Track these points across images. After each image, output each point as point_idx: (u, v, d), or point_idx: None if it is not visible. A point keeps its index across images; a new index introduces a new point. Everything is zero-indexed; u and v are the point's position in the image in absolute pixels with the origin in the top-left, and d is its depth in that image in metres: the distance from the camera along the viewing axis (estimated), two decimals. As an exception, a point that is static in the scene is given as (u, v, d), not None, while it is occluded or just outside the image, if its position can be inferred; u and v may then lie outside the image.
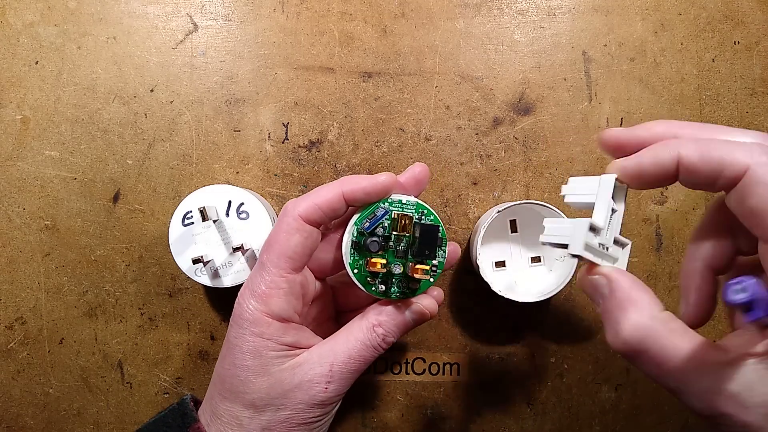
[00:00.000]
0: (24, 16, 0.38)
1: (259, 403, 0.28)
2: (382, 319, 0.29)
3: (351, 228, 0.29)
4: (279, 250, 0.28)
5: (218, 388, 0.29)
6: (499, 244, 0.38)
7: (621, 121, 0.38)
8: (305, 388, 0.28)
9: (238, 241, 0.34)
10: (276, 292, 0.28)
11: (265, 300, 0.28)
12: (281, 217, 0.29)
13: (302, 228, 0.28)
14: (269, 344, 0.28)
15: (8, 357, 0.38)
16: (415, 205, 0.29)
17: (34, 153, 0.38)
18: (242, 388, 0.28)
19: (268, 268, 0.28)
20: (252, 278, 0.29)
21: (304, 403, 0.28)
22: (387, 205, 0.29)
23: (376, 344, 0.29)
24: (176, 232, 0.33)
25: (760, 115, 0.39)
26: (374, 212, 0.29)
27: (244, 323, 0.28)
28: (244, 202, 0.34)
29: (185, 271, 0.34)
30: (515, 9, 0.39)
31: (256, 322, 0.28)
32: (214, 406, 0.29)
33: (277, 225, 0.29)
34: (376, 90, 0.39)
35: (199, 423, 0.29)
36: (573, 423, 0.39)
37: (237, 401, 0.28)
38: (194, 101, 0.38)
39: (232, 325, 0.29)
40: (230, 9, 0.39)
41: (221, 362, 0.29)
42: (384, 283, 0.29)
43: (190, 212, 0.33)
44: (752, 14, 0.39)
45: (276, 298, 0.28)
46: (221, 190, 0.34)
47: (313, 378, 0.28)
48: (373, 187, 0.28)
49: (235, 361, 0.28)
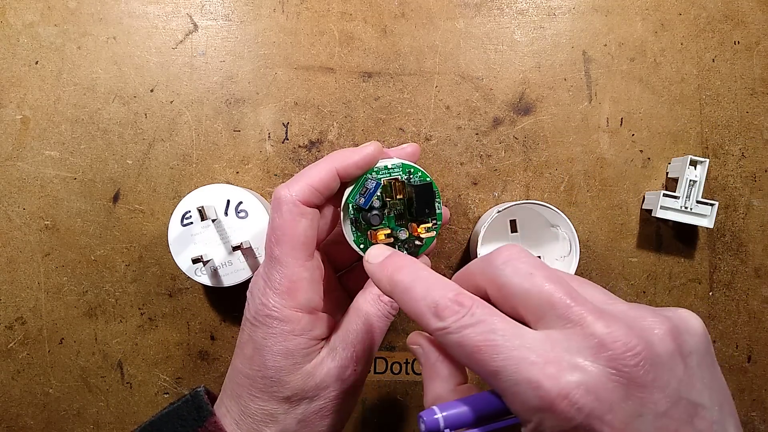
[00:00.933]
0: (24, 16, 0.38)
1: (293, 399, 0.28)
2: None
3: (346, 207, 0.29)
4: (290, 241, 0.27)
5: (248, 389, 0.28)
6: (499, 244, 0.38)
7: (621, 121, 0.39)
8: (335, 375, 0.28)
9: (237, 240, 0.34)
10: (300, 284, 0.28)
11: (291, 294, 0.27)
12: (277, 205, 0.28)
13: (305, 212, 0.28)
14: (301, 341, 0.28)
15: (8, 357, 0.38)
16: (401, 166, 0.29)
17: (34, 153, 0.38)
18: (276, 387, 0.28)
19: (284, 261, 0.27)
20: (269, 275, 0.28)
21: (336, 390, 0.28)
22: (375, 175, 0.29)
23: (387, 312, 0.30)
24: (175, 232, 0.34)
25: (760, 115, 0.39)
26: (365, 186, 0.29)
27: (273, 322, 0.27)
28: (243, 201, 0.34)
29: (185, 270, 0.34)
30: (515, 9, 0.39)
31: (286, 320, 0.27)
32: (244, 405, 0.28)
33: (276, 215, 0.28)
34: (376, 90, 0.39)
35: (215, 417, 0.28)
36: (573, 423, 0.39)
37: (271, 399, 0.28)
38: (194, 101, 0.38)
39: (256, 325, 0.28)
40: (230, 9, 0.39)
41: (249, 363, 0.28)
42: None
43: (188, 212, 0.34)
44: (752, 14, 0.39)
45: (302, 290, 0.28)
46: (219, 189, 0.34)
47: (341, 364, 0.28)
48: (364, 159, 0.28)
49: (266, 362, 0.28)
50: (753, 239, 0.39)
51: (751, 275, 0.39)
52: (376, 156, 0.29)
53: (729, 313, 0.39)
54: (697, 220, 0.37)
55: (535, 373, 0.19)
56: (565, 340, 0.20)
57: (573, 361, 0.19)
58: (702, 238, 0.39)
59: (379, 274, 0.25)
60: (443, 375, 0.24)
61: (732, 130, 0.39)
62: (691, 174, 0.37)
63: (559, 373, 0.19)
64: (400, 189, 0.29)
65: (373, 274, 0.25)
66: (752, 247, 0.39)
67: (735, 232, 0.39)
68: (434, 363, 0.25)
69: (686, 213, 0.37)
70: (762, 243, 0.39)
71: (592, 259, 0.39)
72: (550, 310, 0.20)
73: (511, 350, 0.20)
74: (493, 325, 0.21)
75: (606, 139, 0.39)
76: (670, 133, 0.39)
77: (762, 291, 0.39)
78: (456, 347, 0.21)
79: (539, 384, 0.19)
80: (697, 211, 0.37)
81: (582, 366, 0.19)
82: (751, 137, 0.39)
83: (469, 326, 0.21)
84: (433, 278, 0.23)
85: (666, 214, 0.37)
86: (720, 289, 0.39)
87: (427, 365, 0.25)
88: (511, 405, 0.20)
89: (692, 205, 0.37)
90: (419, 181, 0.29)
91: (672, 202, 0.37)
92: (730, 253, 0.39)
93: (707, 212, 0.37)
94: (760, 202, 0.39)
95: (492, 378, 0.20)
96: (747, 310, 0.39)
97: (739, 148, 0.39)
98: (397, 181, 0.29)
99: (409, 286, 0.23)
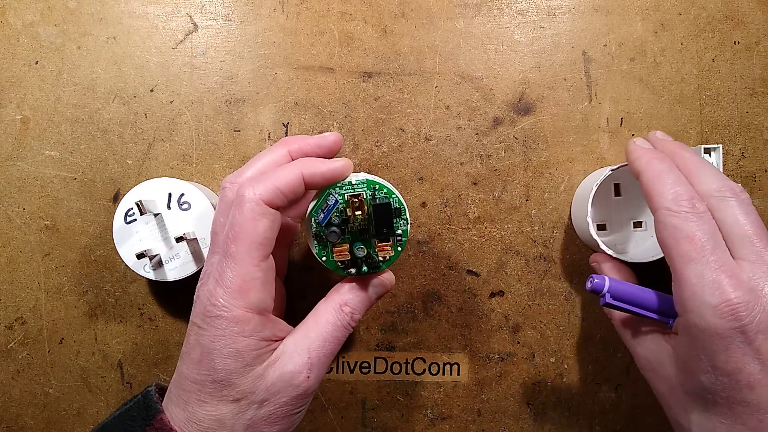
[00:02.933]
0: (24, 16, 0.38)
1: (243, 402, 0.27)
2: (346, 297, 0.30)
3: (308, 219, 0.29)
4: (248, 240, 0.27)
5: (195, 395, 0.27)
6: (603, 207, 0.38)
7: (621, 121, 0.39)
8: (287, 379, 0.28)
9: (180, 232, 0.33)
10: (253, 283, 0.27)
11: (243, 294, 0.27)
12: (239, 202, 0.27)
13: (267, 212, 0.27)
14: (251, 343, 0.27)
15: (8, 357, 0.38)
16: (365, 182, 0.29)
17: (34, 153, 0.38)
18: (225, 391, 0.27)
19: (239, 259, 0.27)
20: (220, 273, 0.27)
21: (287, 396, 0.28)
22: (338, 190, 0.29)
23: (346, 323, 0.30)
24: (119, 229, 0.33)
25: (760, 115, 0.39)
26: (326, 202, 0.29)
27: (221, 323, 0.27)
28: (185, 193, 0.34)
29: (131, 266, 0.33)
30: (515, 9, 0.39)
31: (235, 320, 0.27)
32: (191, 412, 0.27)
33: (237, 211, 0.27)
34: (376, 90, 0.39)
35: (163, 414, 0.28)
36: (573, 423, 0.39)
37: (220, 403, 0.27)
38: (194, 101, 0.38)
39: (203, 327, 0.27)
40: (230, 9, 0.39)
41: (197, 368, 0.27)
42: (353, 265, 0.30)
43: (131, 209, 0.33)
44: (752, 14, 0.39)
45: (254, 290, 0.27)
46: (159, 183, 0.34)
47: (294, 369, 0.28)
48: (332, 173, 0.28)
49: (216, 365, 0.27)
50: (753, 239, 0.39)
51: (751, 275, 0.39)
52: (344, 173, 0.29)
53: (729, 313, 0.39)
54: None
55: (722, 278, 0.26)
56: (755, 269, 0.26)
57: (753, 286, 0.26)
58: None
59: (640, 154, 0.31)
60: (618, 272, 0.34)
61: (732, 130, 0.39)
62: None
63: (738, 286, 0.25)
64: (363, 206, 0.29)
65: (633, 152, 0.32)
66: (752, 247, 0.39)
67: (735, 232, 0.39)
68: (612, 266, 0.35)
69: None
70: (762, 243, 0.39)
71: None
72: (749, 244, 0.27)
73: (712, 253, 0.26)
74: (712, 231, 0.27)
75: (606, 139, 0.39)
76: (670, 133, 0.39)
77: (762, 291, 0.39)
78: (671, 228, 0.28)
79: (720, 286, 0.25)
80: None
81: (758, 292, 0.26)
82: (751, 137, 0.39)
83: (693, 221, 0.27)
84: (683, 178, 0.30)
85: None
86: (720, 289, 0.39)
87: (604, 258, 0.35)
88: (682, 293, 0.27)
89: None
90: (382, 198, 0.29)
91: None
92: (730, 253, 0.39)
93: None
94: (760, 202, 0.39)
95: (684, 263, 0.27)
96: (747, 310, 0.39)
97: (739, 148, 0.39)
98: (360, 199, 0.29)
99: (665, 173, 0.30)
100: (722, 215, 0.28)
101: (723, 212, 0.28)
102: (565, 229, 0.39)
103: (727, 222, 0.28)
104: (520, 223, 0.39)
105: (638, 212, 0.38)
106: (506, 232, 0.39)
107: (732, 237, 0.28)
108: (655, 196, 0.29)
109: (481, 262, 0.39)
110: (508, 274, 0.39)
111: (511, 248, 0.39)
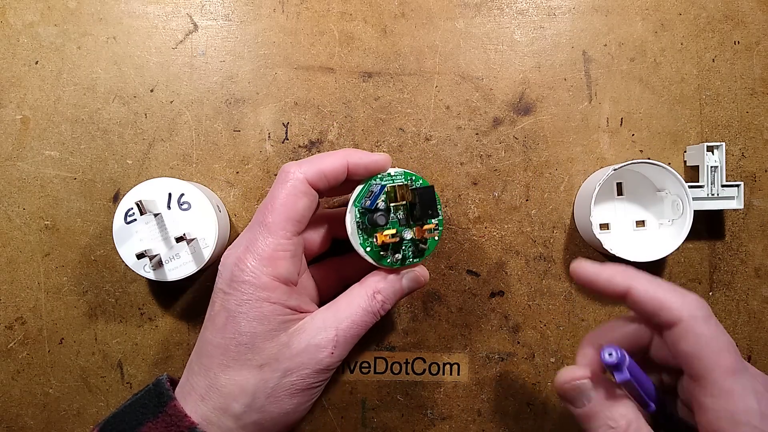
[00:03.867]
0: (24, 16, 0.38)
1: (266, 368, 0.28)
2: (381, 286, 0.31)
3: (351, 210, 0.30)
4: (286, 213, 0.28)
5: (218, 359, 0.28)
6: (606, 206, 0.38)
7: (621, 121, 0.39)
8: (312, 352, 0.28)
9: (180, 232, 0.33)
10: (283, 254, 0.28)
11: (272, 263, 0.27)
12: (283, 178, 0.28)
13: (308, 191, 0.28)
14: (277, 308, 0.28)
15: (8, 357, 0.38)
16: (403, 174, 0.31)
17: (34, 153, 0.38)
18: (249, 355, 0.27)
19: (273, 230, 0.27)
20: (252, 241, 0.28)
21: (309, 368, 0.28)
22: (378, 180, 0.30)
23: (376, 310, 0.30)
24: (119, 230, 0.33)
25: (760, 115, 0.39)
26: (370, 189, 0.30)
27: (248, 288, 0.27)
28: (185, 193, 0.34)
29: (131, 266, 0.33)
30: (515, 9, 0.39)
31: (263, 287, 0.27)
32: (213, 378, 0.28)
33: (279, 186, 0.28)
34: (376, 90, 0.39)
35: (176, 401, 0.28)
36: (573, 423, 0.39)
37: (243, 368, 0.27)
38: (194, 101, 0.38)
39: (229, 292, 0.28)
40: (230, 9, 0.39)
41: (221, 332, 0.28)
42: (396, 251, 0.31)
43: (131, 209, 0.33)
44: (752, 14, 0.39)
45: (283, 261, 0.28)
46: (159, 183, 0.34)
47: (320, 342, 0.28)
48: (375, 164, 0.30)
49: (241, 328, 0.27)
50: (753, 239, 0.39)
51: (751, 275, 0.39)
52: (385, 166, 0.30)
53: (729, 313, 0.39)
54: (725, 203, 0.37)
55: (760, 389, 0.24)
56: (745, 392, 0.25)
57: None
58: (702, 238, 0.39)
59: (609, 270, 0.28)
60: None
61: (732, 130, 0.39)
62: (710, 160, 0.36)
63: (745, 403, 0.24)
64: (404, 194, 0.30)
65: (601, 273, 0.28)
66: (752, 247, 0.39)
67: (735, 232, 0.39)
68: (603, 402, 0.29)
69: (714, 199, 0.37)
70: (762, 243, 0.39)
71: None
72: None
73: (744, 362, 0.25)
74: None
75: (606, 139, 0.39)
76: (670, 133, 0.39)
77: (762, 291, 0.39)
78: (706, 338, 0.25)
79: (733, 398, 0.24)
80: (724, 195, 0.37)
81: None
82: (751, 137, 0.39)
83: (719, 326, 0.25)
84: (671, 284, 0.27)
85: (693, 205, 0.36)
86: (720, 289, 0.39)
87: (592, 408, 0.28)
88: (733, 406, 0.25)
89: (718, 190, 0.36)
90: (421, 185, 0.31)
91: (697, 192, 0.36)
92: (730, 253, 0.39)
93: (734, 194, 0.37)
94: (760, 202, 0.39)
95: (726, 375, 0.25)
96: (747, 310, 0.39)
97: (739, 148, 0.39)
98: (403, 187, 0.30)
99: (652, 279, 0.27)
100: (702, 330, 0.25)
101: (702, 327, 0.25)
102: (566, 229, 0.39)
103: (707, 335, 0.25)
104: (520, 223, 0.39)
105: (641, 212, 0.38)
106: (506, 232, 0.39)
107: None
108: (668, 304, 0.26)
109: (481, 262, 0.39)
110: (508, 274, 0.39)
111: (511, 248, 0.39)
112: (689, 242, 0.39)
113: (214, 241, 0.33)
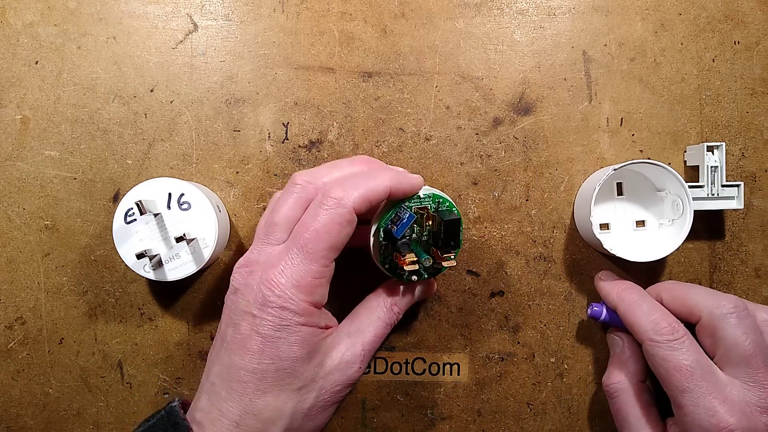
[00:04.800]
0: (24, 16, 0.38)
1: (304, 390, 0.28)
2: (397, 298, 0.33)
3: (377, 229, 0.30)
4: (330, 242, 0.27)
5: (254, 385, 0.27)
6: (606, 205, 0.38)
7: (621, 121, 0.39)
8: (343, 369, 0.29)
9: (180, 232, 0.33)
10: (320, 281, 0.28)
11: (310, 290, 0.27)
12: (332, 205, 0.27)
13: (353, 220, 0.28)
14: (313, 331, 0.28)
15: (8, 357, 0.38)
16: (431, 196, 0.31)
17: (34, 153, 0.38)
18: (288, 379, 0.27)
19: (316, 259, 0.27)
20: (293, 268, 0.27)
21: (341, 384, 0.30)
22: (406, 203, 0.30)
23: (393, 322, 0.33)
24: (119, 230, 0.33)
25: (760, 115, 0.39)
26: (397, 214, 0.30)
27: (287, 314, 0.27)
28: (185, 193, 0.34)
29: (131, 266, 0.33)
30: (515, 9, 0.39)
31: (301, 312, 0.27)
32: (248, 403, 0.27)
33: (322, 210, 0.27)
34: (376, 90, 0.39)
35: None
36: (573, 423, 0.39)
37: (282, 393, 0.27)
38: (194, 101, 0.38)
39: (263, 317, 0.27)
40: (230, 9, 0.39)
41: (258, 358, 0.27)
42: (414, 272, 0.32)
43: (131, 209, 0.33)
44: (752, 14, 0.39)
45: (320, 288, 0.28)
46: (159, 183, 0.34)
47: (350, 359, 0.30)
48: (413, 189, 0.30)
49: (280, 354, 0.27)
50: (753, 239, 0.39)
51: (751, 275, 0.39)
52: (419, 189, 0.31)
53: (729, 313, 0.39)
54: (725, 203, 0.37)
55: (715, 404, 0.27)
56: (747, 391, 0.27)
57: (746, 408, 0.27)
58: (702, 238, 0.39)
59: (610, 288, 0.34)
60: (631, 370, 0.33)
61: (732, 130, 0.39)
62: (710, 160, 0.36)
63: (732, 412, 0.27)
64: (429, 218, 0.31)
65: (603, 288, 0.35)
66: (752, 247, 0.39)
67: (735, 232, 0.39)
68: (628, 358, 0.34)
69: (714, 199, 0.36)
70: (762, 243, 0.39)
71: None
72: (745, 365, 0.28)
73: (702, 379, 0.27)
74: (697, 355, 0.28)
75: (606, 139, 0.39)
76: (670, 133, 0.39)
77: (762, 291, 0.39)
78: (659, 359, 0.29)
79: (715, 412, 0.27)
80: (725, 194, 0.37)
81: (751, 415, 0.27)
82: (751, 137, 0.39)
83: (677, 349, 0.28)
84: (655, 303, 0.32)
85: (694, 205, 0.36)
86: (720, 289, 0.39)
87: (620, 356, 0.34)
88: (683, 419, 0.28)
89: (718, 190, 0.36)
90: (447, 211, 0.31)
91: (697, 192, 0.36)
92: (730, 253, 0.39)
93: (734, 194, 0.37)
94: (760, 202, 0.39)
95: (678, 393, 0.28)
96: (747, 310, 0.39)
97: (739, 148, 0.39)
98: (427, 211, 0.31)
99: (637, 302, 0.32)
100: (723, 334, 0.29)
101: (723, 331, 0.29)
102: (566, 229, 0.39)
103: (727, 341, 0.29)
104: (520, 223, 0.39)
105: (641, 212, 0.38)
106: (506, 232, 0.39)
107: (730, 356, 0.29)
108: (635, 328, 0.31)
109: (481, 262, 0.39)
110: (508, 274, 0.39)
111: (511, 248, 0.39)
112: (689, 242, 0.39)
113: (214, 241, 0.33)
